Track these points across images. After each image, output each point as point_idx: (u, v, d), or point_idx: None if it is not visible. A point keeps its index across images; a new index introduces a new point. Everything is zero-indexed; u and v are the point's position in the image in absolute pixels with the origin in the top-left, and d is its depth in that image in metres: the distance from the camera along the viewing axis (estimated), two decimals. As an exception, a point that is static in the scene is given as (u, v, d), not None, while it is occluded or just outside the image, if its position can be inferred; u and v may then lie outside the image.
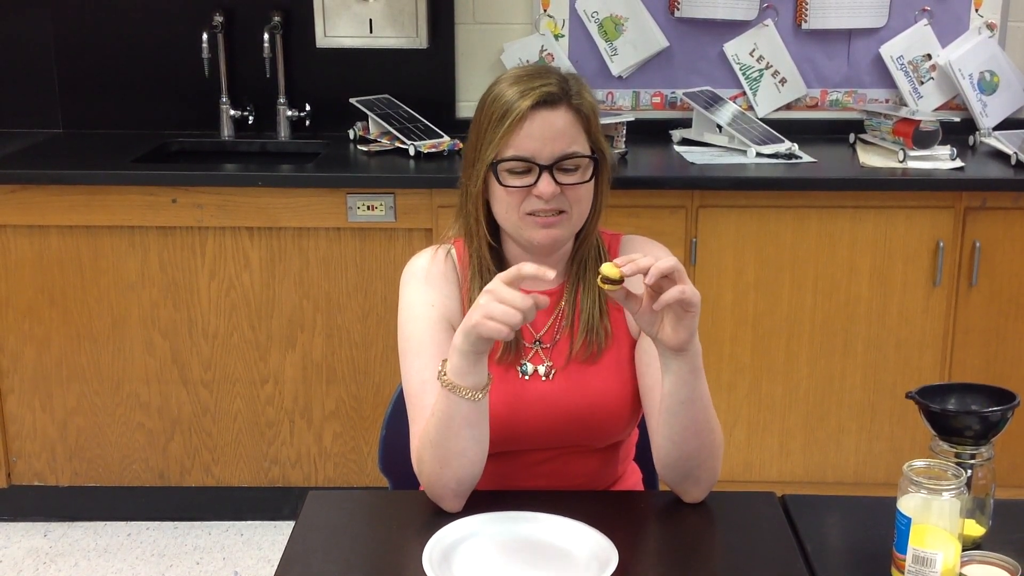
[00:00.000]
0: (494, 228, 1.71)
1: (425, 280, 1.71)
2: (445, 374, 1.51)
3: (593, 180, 1.67)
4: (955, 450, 1.48)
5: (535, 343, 1.72)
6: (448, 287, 1.72)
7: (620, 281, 1.44)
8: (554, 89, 1.61)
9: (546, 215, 1.64)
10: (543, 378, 1.70)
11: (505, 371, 1.69)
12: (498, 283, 1.44)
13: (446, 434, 1.53)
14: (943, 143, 3.16)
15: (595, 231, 1.74)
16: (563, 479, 1.73)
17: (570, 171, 1.63)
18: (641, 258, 1.44)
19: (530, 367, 1.70)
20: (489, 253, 1.71)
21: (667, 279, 1.44)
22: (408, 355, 1.68)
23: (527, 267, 1.43)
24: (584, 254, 1.73)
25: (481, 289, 1.64)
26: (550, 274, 1.43)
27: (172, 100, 3.51)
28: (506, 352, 1.69)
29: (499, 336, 1.43)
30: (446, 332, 1.67)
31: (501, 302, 1.42)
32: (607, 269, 1.44)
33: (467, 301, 1.71)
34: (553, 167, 1.62)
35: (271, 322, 3.08)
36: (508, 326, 1.42)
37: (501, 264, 1.72)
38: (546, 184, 1.61)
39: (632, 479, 1.86)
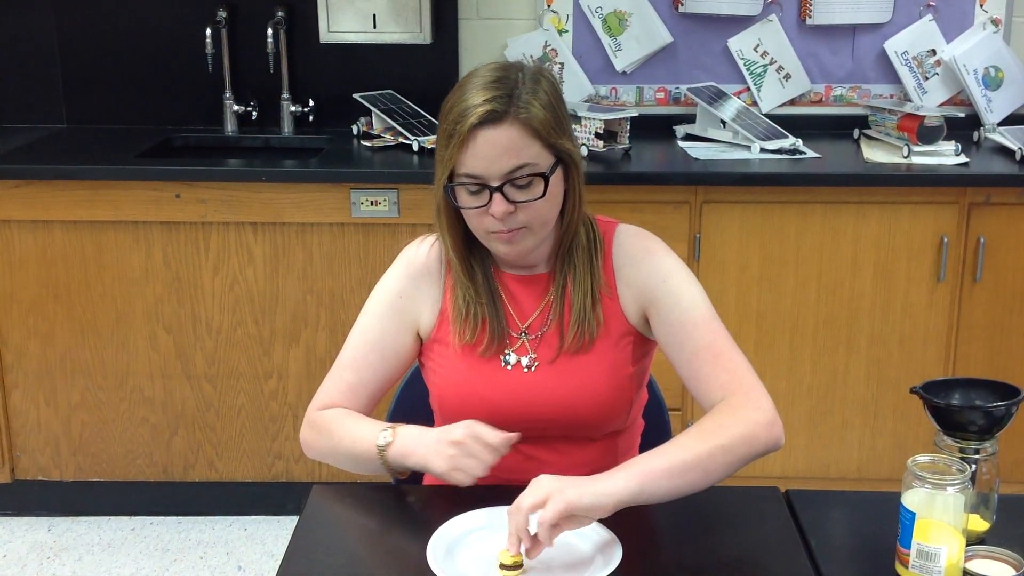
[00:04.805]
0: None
1: (405, 271, 1.76)
2: (386, 449, 1.59)
3: (553, 186, 1.62)
4: (959, 445, 1.48)
5: (521, 334, 1.71)
6: (429, 282, 1.74)
7: (520, 566, 1.40)
8: (496, 106, 1.57)
9: (507, 232, 1.62)
10: (525, 370, 1.70)
11: (488, 360, 1.70)
12: (470, 437, 1.53)
13: (337, 459, 1.69)
14: (947, 139, 3.15)
15: (578, 221, 1.71)
16: (561, 470, 1.72)
17: (524, 187, 1.60)
18: (530, 531, 1.40)
19: (513, 357, 1.70)
20: (460, 262, 1.70)
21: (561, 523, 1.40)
22: (356, 324, 1.77)
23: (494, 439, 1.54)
24: (570, 243, 1.71)
25: (463, 295, 1.69)
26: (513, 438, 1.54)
27: (176, 95, 3.51)
28: (491, 343, 1.70)
29: (462, 485, 1.53)
30: (398, 325, 1.74)
31: (470, 456, 1.52)
32: (504, 558, 1.40)
33: (449, 295, 1.73)
34: (503, 186, 1.59)
35: (275, 317, 3.08)
36: (474, 477, 1.53)
37: (478, 262, 1.72)
38: (498, 204, 1.59)
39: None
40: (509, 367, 1.70)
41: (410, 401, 1.96)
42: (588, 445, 1.74)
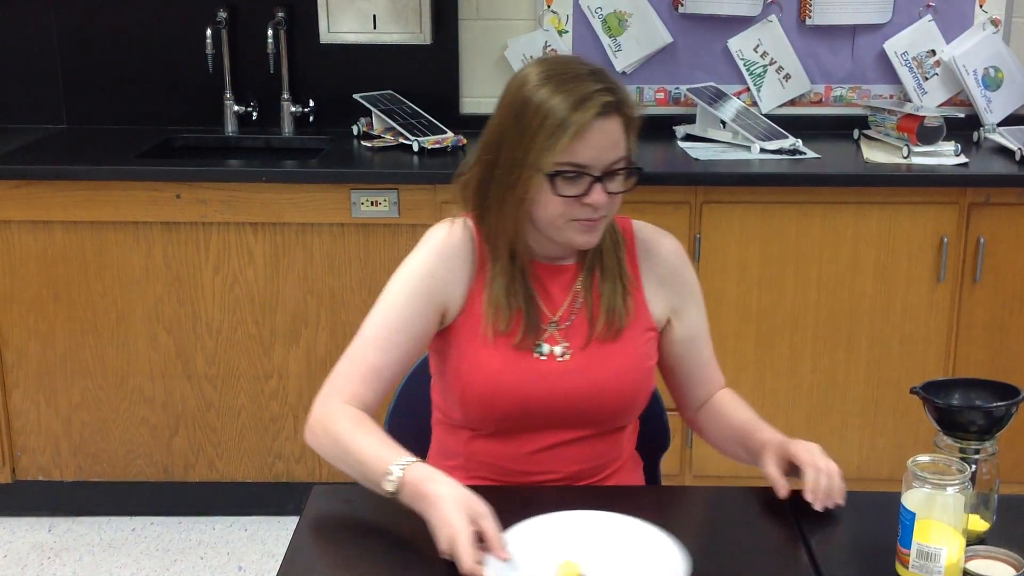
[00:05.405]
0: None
1: (438, 252, 1.72)
2: (397, 485, 1.49)
3: None
4: (959, 445, 1.48)
5: (551, 324, 1.72)
6: (459, 265, 1.71)
7: None
8: (611, 98, 1.60)
9: (595, 220, 1.65)
10: (559, 359, 1.71)
11: (522, 351, 1.70)
12: (466, 556, 1.38)
13: (340, 467, 1.60)
14: (947, 139, 3.15)
15: None
16: (568, 463, 1.74)
17: (618, 178, 1.64)
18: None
19: (546, 347, 1.71)
20: (508, 253, 1.70)
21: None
22: (380, 304, 1.71)
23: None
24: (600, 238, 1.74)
25: (505, 285, 1.69)
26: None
27: (176, 96, 3.51)
28: (525, 334, 1.70)
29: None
30: (427, 307, 1.69)
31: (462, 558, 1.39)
32: (564, 571, 1.40)
33: (483, 283, 1.71)
34: (605, 176, 1.62)
35: (275, 317, 3.08)
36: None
37: (520, 254, 1.71)
38: (599, 194, 1.62)
39: (634, 467, 1.88)
40: (543, 357, 1.71)
41: (411, 400, 1.96)
42: (600, 438, 1.76)
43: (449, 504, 1.43)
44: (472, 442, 1.76)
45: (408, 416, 1.96)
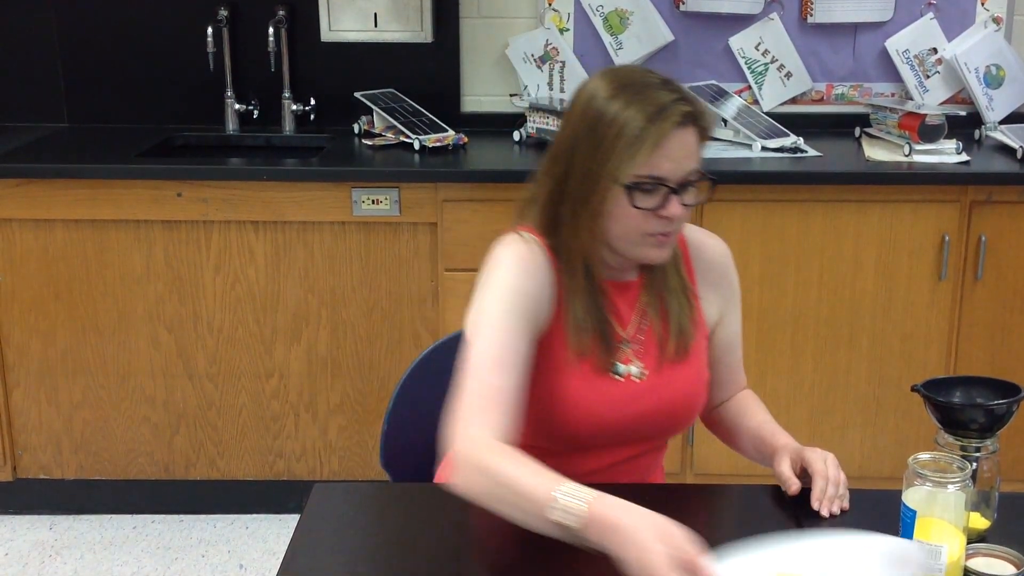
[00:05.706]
0: None
1: (523, 269, 1.62)
2: (582, 521, 1.34)
3: None
4: (960, 443, 1.48)
5: (623, 343, 1.70)
6: (543, 282, 1.65)
7: None
8: (689, 108, 1.57)
9: (668, 235, 1.63)
10: (636, 379, 1.69)
11: (599, 375, 1.67)
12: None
13: (501, 506, 1.44)
14: (949, 137, 3.15)
15: None
16: (619, 476, 1.74)
17: (691, 190, 1.62)
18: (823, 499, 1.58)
19: (622, 368, 1.69)
20: (584, 270, 1.67)
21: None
22: (482, 329, 1.58)
23: None
24: None
25: (583, 304, 1.65)
26: None
27: (177, 94, 3.51)
28: (603, 354, 1.67)
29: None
30: (526, 324, 1.59)
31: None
32: None
33: (564, 299, 1.66)
34: (681, 188, 1.60)
35: (276, 316, 3.08)
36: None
37: (594, 271, 1.68)
38: (676, 206, 1.59)
39: (660, 474, 1.88)
40: (621, 378, 1.68)
41: (410, 400, 1.96)
42: (654, 451, 1.78)
43: (646, 533, 1.31)
44: None
45: (405, 416, 1.96)
